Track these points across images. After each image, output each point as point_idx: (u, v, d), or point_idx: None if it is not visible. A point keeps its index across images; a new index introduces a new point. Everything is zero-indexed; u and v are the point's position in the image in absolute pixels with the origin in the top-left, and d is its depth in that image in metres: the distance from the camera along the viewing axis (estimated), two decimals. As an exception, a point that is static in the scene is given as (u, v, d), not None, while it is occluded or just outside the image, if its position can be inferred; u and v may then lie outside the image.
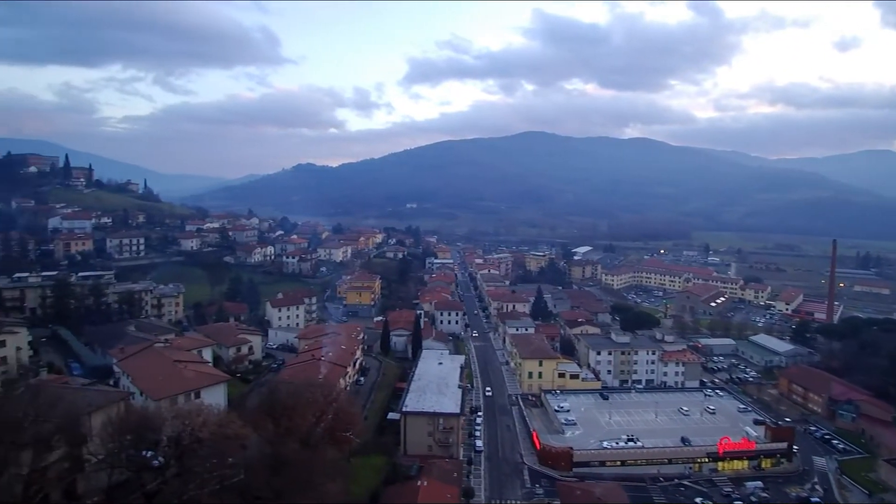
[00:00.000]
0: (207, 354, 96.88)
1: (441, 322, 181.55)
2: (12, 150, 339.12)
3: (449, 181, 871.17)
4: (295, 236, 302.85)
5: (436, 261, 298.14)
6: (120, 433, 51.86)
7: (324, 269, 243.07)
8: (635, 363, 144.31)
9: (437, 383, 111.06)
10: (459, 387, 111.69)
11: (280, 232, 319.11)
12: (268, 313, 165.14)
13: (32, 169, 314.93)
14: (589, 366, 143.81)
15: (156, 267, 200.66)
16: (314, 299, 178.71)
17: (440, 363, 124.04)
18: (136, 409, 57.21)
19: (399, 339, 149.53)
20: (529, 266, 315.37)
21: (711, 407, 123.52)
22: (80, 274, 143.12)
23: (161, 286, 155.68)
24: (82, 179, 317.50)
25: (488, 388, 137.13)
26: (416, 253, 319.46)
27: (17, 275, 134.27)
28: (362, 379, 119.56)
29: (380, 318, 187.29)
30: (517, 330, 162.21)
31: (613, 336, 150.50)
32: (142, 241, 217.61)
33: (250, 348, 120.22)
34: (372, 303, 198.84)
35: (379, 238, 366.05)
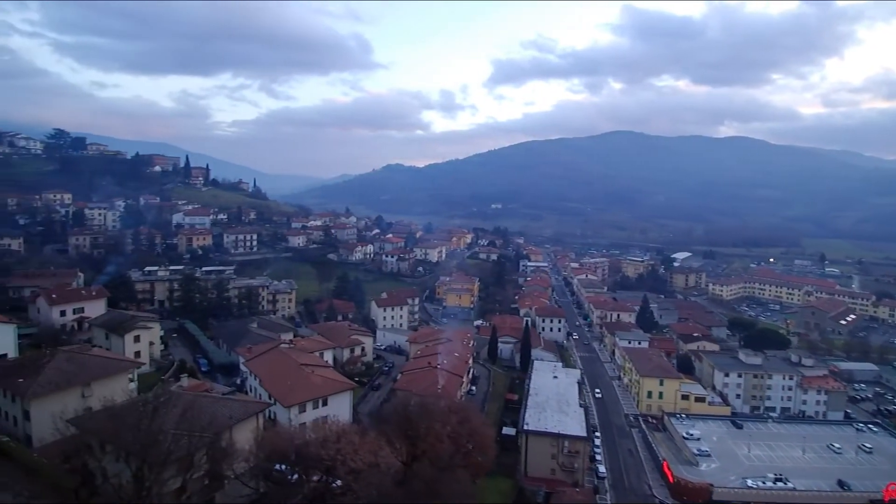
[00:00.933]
0: (328, 357, 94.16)
1: (543, 329, 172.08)
2: (139, 152, 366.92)
3: (533, 182, 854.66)
4: (391, 235, 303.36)
5: (529, 263, 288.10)
6: (266, 453, 48.19)
7: (420, 268, 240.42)
8: (769, 388, 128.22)
9: (556, 400, 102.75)
10: (581, 405, 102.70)
11: (376, 231, 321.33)
12: (373, 312, 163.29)
13: (157, 168, 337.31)
14: (714, 388, 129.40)
15: (267, 262, 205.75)
16: (416, 300, 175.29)
17: (555, 376, 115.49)
18: (283, 429, 53.52)
19: (505, 347, 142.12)
20: (626, 272, 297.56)
21: (868, 445, 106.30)
22: (204, 269, 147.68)
23: (275, 282, 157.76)
24: (200, 178, 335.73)
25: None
26: (507, 255, 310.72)
27: (148, 268, 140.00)
28: (474, 388, 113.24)
29: (479, 321, 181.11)
30: (629, 343, 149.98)
31: (742, 356, 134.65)
32: (254, 237, 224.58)
33: (363, 349, 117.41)
34: (471, 305, 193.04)
35: (469, 238, 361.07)
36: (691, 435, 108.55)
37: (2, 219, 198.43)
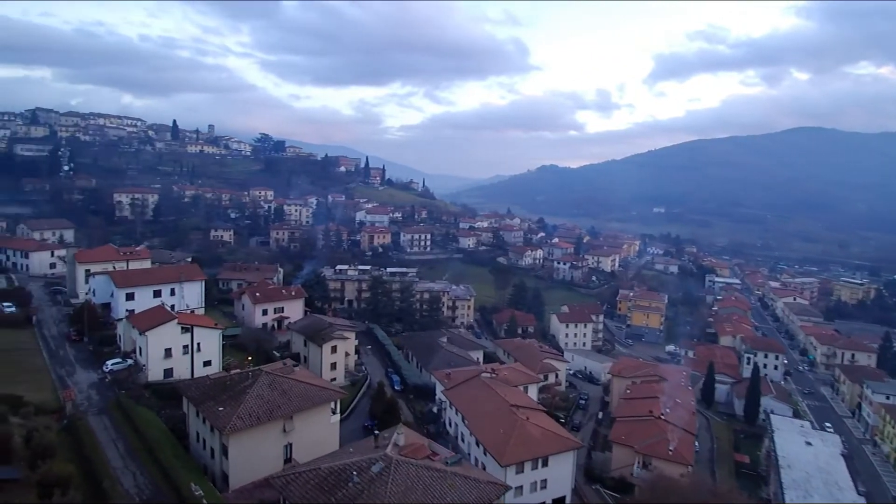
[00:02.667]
0: (533, 392, 77.59)
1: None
2: (327, 154, 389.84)
3: (700, 184, 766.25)
4: (557, 239, 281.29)
5: (717, 279, 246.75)
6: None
7: (595, 278, 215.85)
8: None
9: (820, 479, 75.00)
10: (860, 493, 73.62)
11: (541, 234, 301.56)
12: (552, 328, 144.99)
13: (342, 169, 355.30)
14: None
15: (439, 263, 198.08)
16: (601, 317, 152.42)
17: (808, 442, 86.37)
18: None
19: (720, 387, 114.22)
20: (841, 295, 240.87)
21: None
22: (389, 269, 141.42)
23: (453, 287, 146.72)
24: (377, 178, 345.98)
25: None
26: (686, 267, 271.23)
27: (339, 267, 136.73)
28: (696, 444, 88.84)
29: (671, 347, 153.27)
30: (887, 399, 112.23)
31: None
32: (428, 237, 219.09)
33: (556, 377, 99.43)
34: (660, 327, 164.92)
35: (637, 245, 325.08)
36: None
37: (217, 212, 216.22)
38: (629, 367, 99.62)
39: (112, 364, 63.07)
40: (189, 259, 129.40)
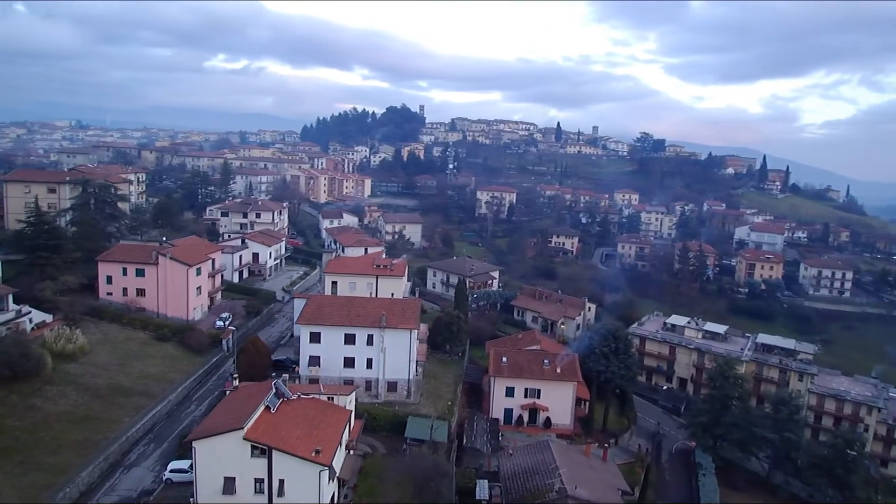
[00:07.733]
0: None
1: None
2: (710, 154, 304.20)
3: None
4: None
5: None
6: None
7: None
8: None
9: None
10: None
11: None
12: None
13: (729, 171, 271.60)
14: None
15: (867, 323, 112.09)
16: None
17: None
18: None
19: None
20: None
21: None
22: (763, 339, 77.35)
23: (892, 393, 71.31)
24: (777, 183, 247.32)
25: None
26: None
27: (674, 319, 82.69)
28: None
29: None
30: None
31: None
32: (848, 274, 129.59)
33: None
34: None
35: None
36: None
37: (569, 215, 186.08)
38: None
39: (171, 470, 38.14)
40: (496, 274, 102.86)
